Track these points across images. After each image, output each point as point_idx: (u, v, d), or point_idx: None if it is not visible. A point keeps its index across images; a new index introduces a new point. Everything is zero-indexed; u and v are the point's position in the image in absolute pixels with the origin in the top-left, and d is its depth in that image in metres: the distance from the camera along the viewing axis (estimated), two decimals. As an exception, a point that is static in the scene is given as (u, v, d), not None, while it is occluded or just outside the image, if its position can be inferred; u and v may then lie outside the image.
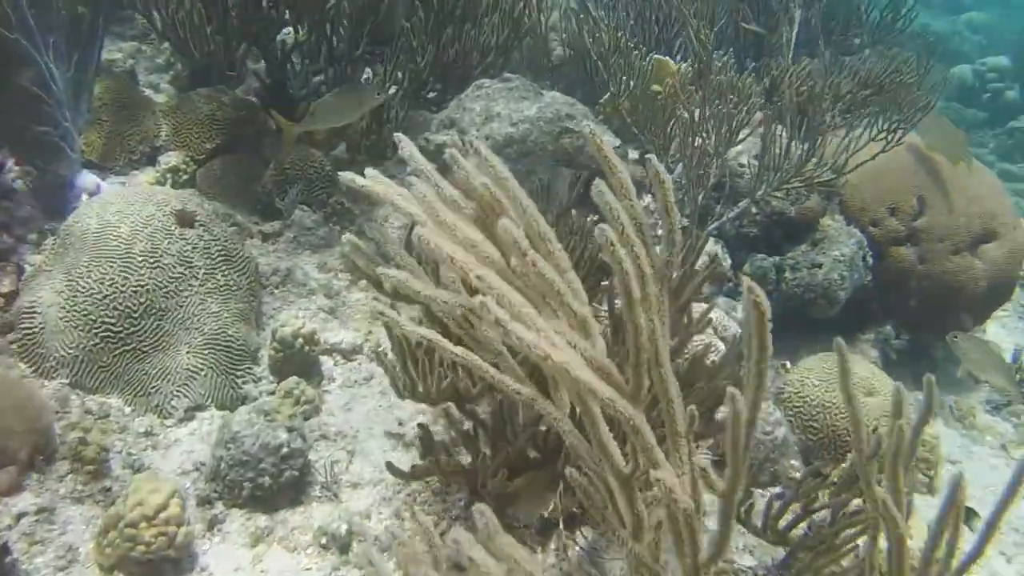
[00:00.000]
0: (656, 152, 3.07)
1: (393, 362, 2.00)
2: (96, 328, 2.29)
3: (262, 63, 3.55)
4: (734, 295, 3.14)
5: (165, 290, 2.39)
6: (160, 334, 2.36)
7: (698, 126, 2.79)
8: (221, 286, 2.50)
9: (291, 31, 3.43)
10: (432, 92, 3.48)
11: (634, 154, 3.33)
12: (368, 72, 3.64)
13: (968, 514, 2.78)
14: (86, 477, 2.06)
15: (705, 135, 2.82)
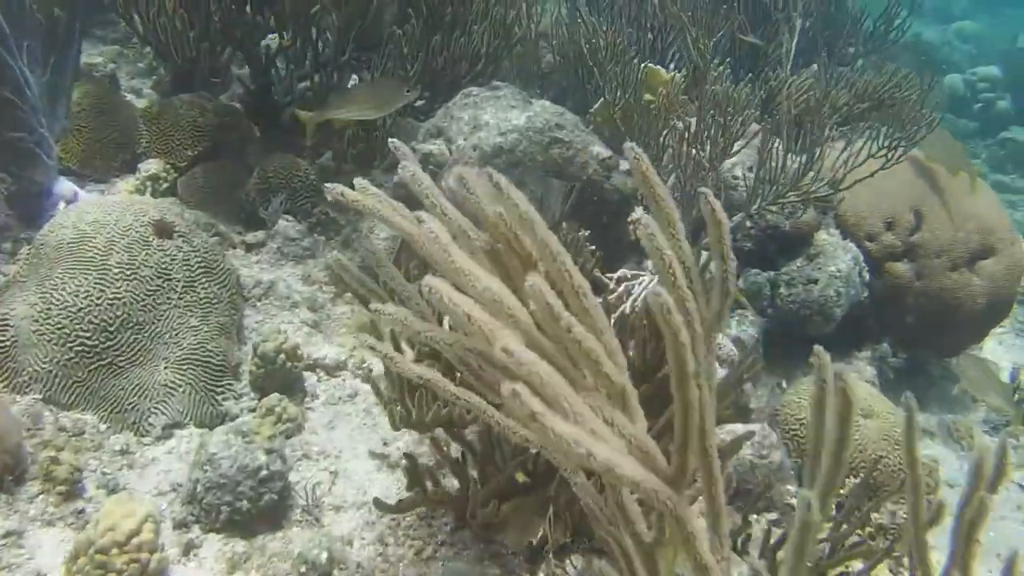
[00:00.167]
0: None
1: (389, 395, 1.92)
2: (71, 342, 2.21)
3: (246, 68, 3.48)
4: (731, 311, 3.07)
5: (142, 303, 2.31)
6: (137, 348, 2.28)
7: (693, 137, 2.73)
8: (201, 299, 2.42)
9: (276, 36, 3.35)
10: (419, 100, 3.40)
11: (625, 164, 3.27)
12: (355, 78, 3.57)
13: None
14: (58, 498, 1.98)
15: (700, 146, 2.75)
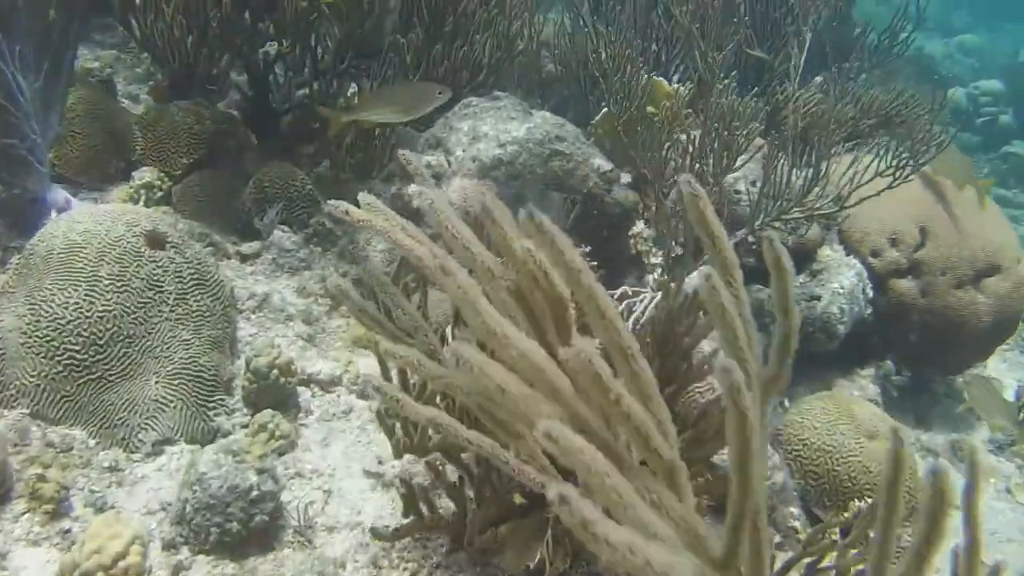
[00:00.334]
0: (652, 176, 2.96)
1: (393, 423, 1.88)
2: (59, 355, 2.16)
3: (244, 75, 3.43)
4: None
5: (133, 316, 2.25)
6: (127, 362, 2.23)
7: (697, 151, 2.68)
8: (193, 312, 2.37)
9: (275, 43, 3.30)
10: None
11: (627, 177, 3.22)
12: (354, 87, 3.53)
13: None
14: (44, 517, 1.93)
15: (704, 160, 2.71)
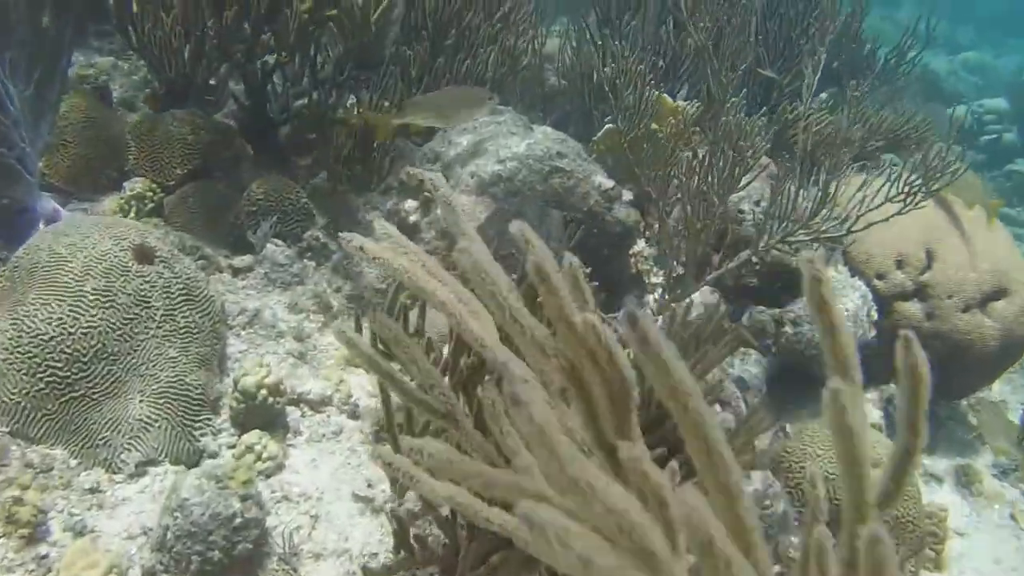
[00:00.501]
0: (656, 195, 2.90)
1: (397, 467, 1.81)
2: (41, 372, 2.09)
3: (241, 84, 3.37)
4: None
5: (118, 332, 2.19)
6: (111, 380, 2.16)
7: (704, 170, 2.61)
8: (181, 328, 2.31)
9: (274, 54, 3.25)
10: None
11: (628, 194, 3.16)
12: (353, 99, 3.47)
13: None
14: (19, 543, 1.87)
15: (709, 180, 2.64)
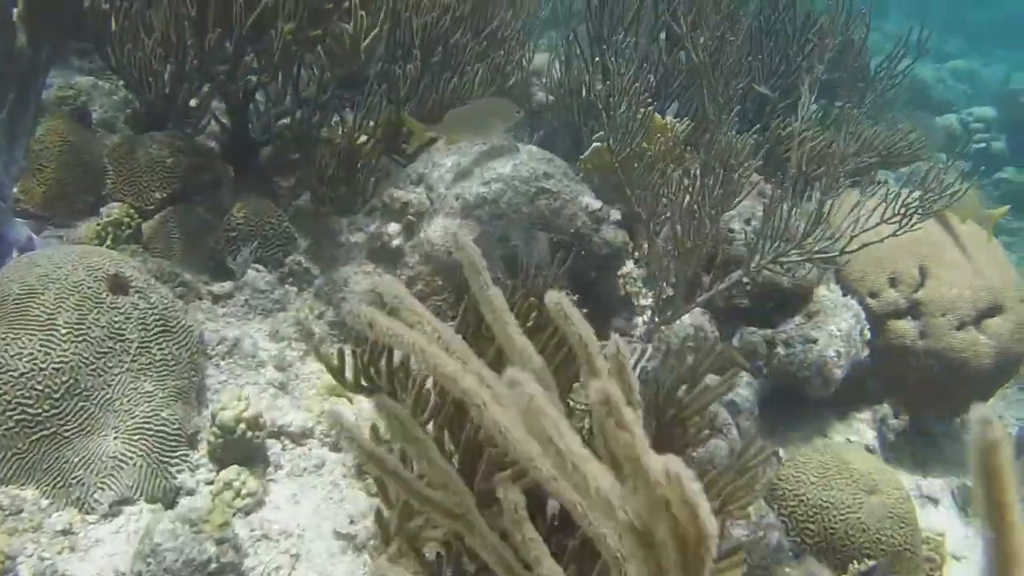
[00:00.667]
0: (647, 215, 2.83)
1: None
2: (11, 410, 2.02)
3: (222, 103, 3.31)
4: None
5: (92, 367, 2.12)
6: (84, 417, 2.09)
7: (698, 189, 2.55)
8: (157, 361, 2.24)
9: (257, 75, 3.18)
10: (404, 143, 3.24)
11: (616, 214, 3.10)
12: (337, 118, 3.41)
13: None
14: (-14, 589, 1.80)
15: (700, 200, 2.58)
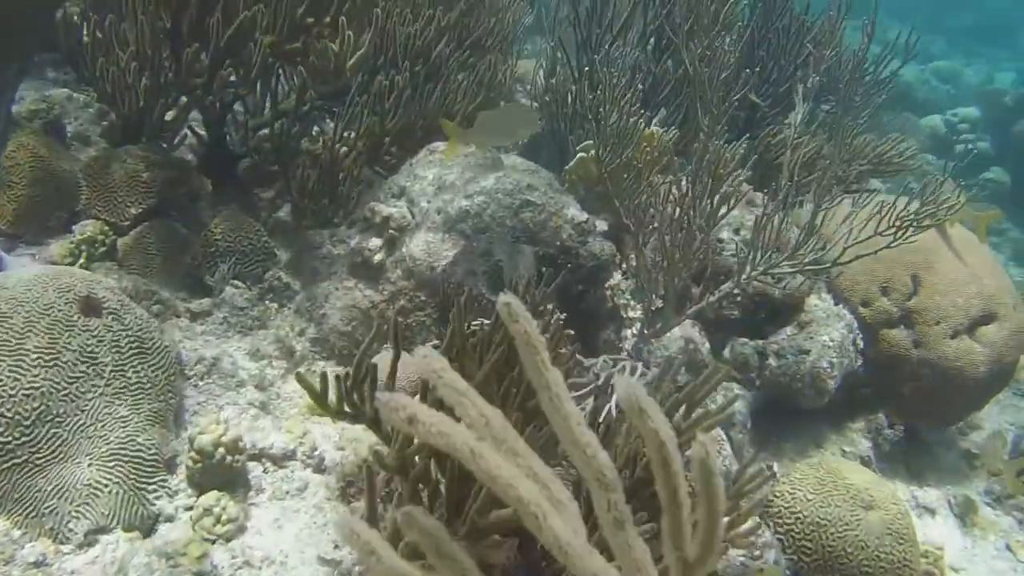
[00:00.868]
0: (635, 227, 2.78)
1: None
2: (-20, 438, 1.95)
3: (200, 115, 3.24)
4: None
5: (64, 392, 2.05)
6: (57, 444, 2.02)
7: (689, 200, 2.49)
8: (132, 384, 2.17)
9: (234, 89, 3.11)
10: (387, 155, 3.17)
11: (603, 225, 3.04)
12: (317, 129, 3.34)
13: None
14: (-46, 628, 1.73)
15: (693, 210, 2.53)
